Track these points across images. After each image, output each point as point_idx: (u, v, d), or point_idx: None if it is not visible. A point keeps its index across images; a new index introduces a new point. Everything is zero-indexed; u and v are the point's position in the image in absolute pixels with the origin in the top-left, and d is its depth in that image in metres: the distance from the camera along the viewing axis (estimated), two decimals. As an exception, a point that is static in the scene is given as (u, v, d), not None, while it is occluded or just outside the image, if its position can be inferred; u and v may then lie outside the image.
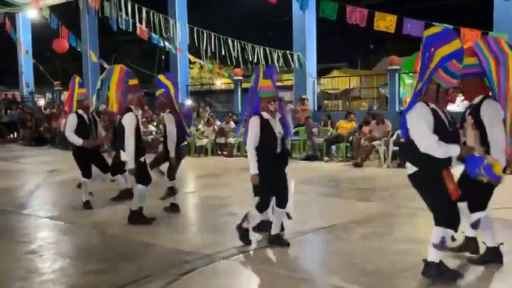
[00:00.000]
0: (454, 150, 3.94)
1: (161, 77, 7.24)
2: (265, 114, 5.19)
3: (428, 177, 4.05)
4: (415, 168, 4.10)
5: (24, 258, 5.19)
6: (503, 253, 4.54)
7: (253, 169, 5.11)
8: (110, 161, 7.87)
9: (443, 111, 4.10)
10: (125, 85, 6.74)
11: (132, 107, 6.38)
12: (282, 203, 5.26)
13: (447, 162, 4.02)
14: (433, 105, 4.05)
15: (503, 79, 4.36)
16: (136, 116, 6.35)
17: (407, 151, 4.18)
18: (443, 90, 4.04)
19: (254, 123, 5.15)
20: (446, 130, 4.05)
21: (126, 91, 6.68)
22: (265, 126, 5.15)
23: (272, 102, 5.16)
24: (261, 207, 5.23)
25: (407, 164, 4.19)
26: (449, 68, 3.98)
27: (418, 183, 4.17)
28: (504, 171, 4.27)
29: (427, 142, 3.94)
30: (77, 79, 7.52)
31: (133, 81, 6.59)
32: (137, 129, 6.33)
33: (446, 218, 4.06)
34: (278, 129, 5.22)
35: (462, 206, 4.29)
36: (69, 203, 7.76)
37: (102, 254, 5.25)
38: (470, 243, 4.74)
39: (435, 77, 4.01)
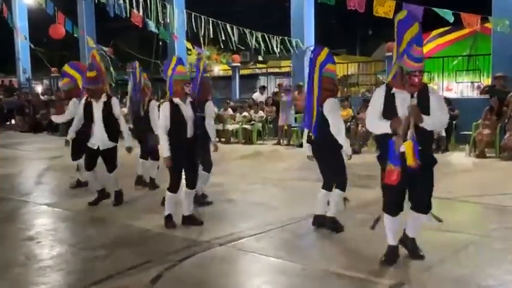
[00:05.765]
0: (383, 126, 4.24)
1: (66, 67, 8.05)
2: (176, 100, 5.46)
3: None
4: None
5: (23, 244, 5.21)
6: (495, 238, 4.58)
7: (165, 152, 5.39)
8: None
9: (410, 94, 4.09)
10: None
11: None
12: (190, 184, 5.61)
13: None
14: (395, 90, 4.18)
15: None
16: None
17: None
18: (407, 74, 4.06)
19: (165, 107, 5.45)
20: (394, 114, 4.15)
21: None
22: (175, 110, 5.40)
23: (188, 85, 5.56)
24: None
25: None
26: (410, 53, 4.02)
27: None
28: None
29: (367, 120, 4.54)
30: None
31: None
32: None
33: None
34: (189, 113, 5.49)
35: None
36: (67, 190, 7.80)
37: (100, 240, 5.27)
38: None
39: (399, 62, 4.09)
